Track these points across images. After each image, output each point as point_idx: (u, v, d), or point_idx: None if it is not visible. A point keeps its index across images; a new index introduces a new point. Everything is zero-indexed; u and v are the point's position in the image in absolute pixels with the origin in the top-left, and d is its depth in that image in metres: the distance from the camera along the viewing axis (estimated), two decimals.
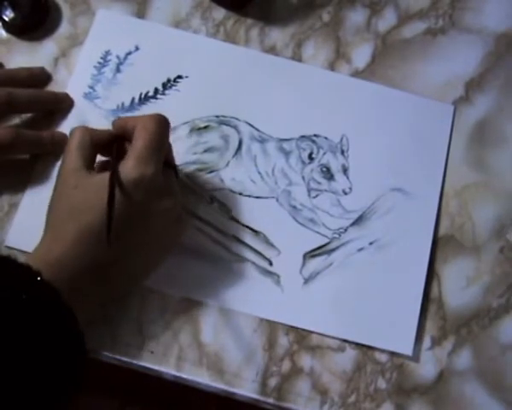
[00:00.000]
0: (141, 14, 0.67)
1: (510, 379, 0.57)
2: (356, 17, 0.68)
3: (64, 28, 0.66)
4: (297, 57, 0.66)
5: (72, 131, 0.55)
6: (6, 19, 0.64)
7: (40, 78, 0.63)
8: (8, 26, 0.65)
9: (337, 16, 0.68)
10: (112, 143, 0.55)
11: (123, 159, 0.52)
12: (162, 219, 0.54)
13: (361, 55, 0.66)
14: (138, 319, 0.57)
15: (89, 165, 0.54)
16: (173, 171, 0.56)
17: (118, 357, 0.56)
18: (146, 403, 0.98)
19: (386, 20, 0.68)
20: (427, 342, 0.58)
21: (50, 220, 0.53)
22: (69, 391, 0.47)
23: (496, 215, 0.62)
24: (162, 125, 0.54)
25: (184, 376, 0.56)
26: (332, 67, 0.66)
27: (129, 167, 0.51)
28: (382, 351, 0.57)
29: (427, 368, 0.57)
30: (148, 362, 0.56)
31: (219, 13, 0.67)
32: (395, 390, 0.56)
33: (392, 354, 0.57)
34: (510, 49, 0.67)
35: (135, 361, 0.56)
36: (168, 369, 0.56)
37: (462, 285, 0.59)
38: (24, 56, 0.64)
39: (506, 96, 0.65)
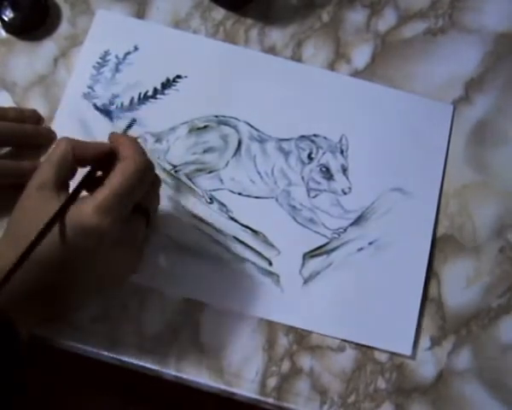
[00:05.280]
0: (140, 14, 0.67)
1: (510, 379, 0.57)
2: (356, 17, 0.68)
3: (64, 28, 0.66)
4: (297, 57, 0.66)
5: (57, 143, 0.52)
6: (6, 19, 0.64)
7: (31, 120, 0.61)
8: (8, 26, 0.65)
9: (337, 16, 0.68)
10: (98, 157, 0.52)
11: (95, 187, 0.50)
12: (111, 266, 0.52)
13: (361, 55, 0.66)
14: (138, 318, 0.57)
15: (62, 183, 0.51)
16: (145, 219, 0.54)
17: (117, 357, 0.56)
18: (147, 403, 0.98)
19: (386, 20, 0.68)
20: (426, 342, 0.58)
21: (6, 233, 0.51)
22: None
23: (496, 215, 0.61)
24: (141, 171, 0.50)
25: (184, 376, 0.56)
26: (332, 67, 0.66)
27: (88, 213, 0.48)
28: (382, 351, 0.57)
29: (426, 368, 0.57)
30: (147, 362, 0.56)
31: (219, 13, 0.67)
32: (395, 390, 0.56)
33: (392, 353, 0.57)
34: (510, 49, 0.67)
35: (135, 361, 0.56)
36: (168, 369, 0.56)
37: (461, 285, 0.59)
38: (23, 57, 0.65)
39: (506, 95, 0.65)
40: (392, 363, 0.57)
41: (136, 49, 0.65)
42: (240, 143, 0.62)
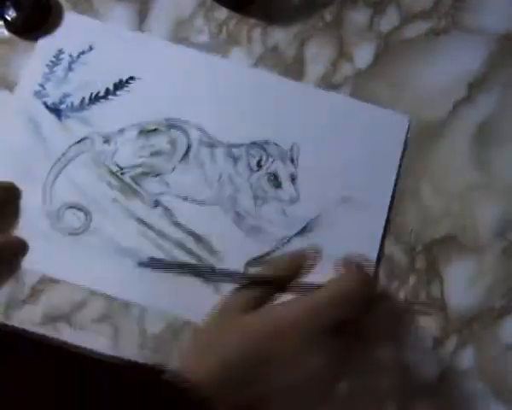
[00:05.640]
0: (143, 13, 0.66)
1: None
2: (358, 17, 0.68)
3: None
4: (299, 57, 0.66)
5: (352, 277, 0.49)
6: (8, 18, 0.64)
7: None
8: (11, 26, 0.65)
9: (339, 16, 0.68)
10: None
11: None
12: (305, 378, 0.46)
13: (363, 54, 0.66)
14: (139, 318, 0.57)
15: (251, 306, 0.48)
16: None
17: (119, 356, 0.56)
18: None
19: (389, 19, 0.68)
20: (429, 342, 0.58)
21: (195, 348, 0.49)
22: None
23: (498, 216, 0.61)
24: (355, 304, 0.47)
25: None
26: (334, 66, 0.66)
27: (296, 313, 0.46)
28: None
29: (429, 368, 0.57)
30: (149, 362, 0.56)
31: (222, 13, 0.67)
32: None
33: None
34: None
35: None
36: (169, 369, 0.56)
37: (464, 286, 0.59)
38: (26, 56, 0.64)
39: (509, 96, 0.65)
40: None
41: (90, 48, 0.65)
42: (189, 148, 0.62)
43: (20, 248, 0.50)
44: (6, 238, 0.50)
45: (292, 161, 0.62)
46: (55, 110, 0.62)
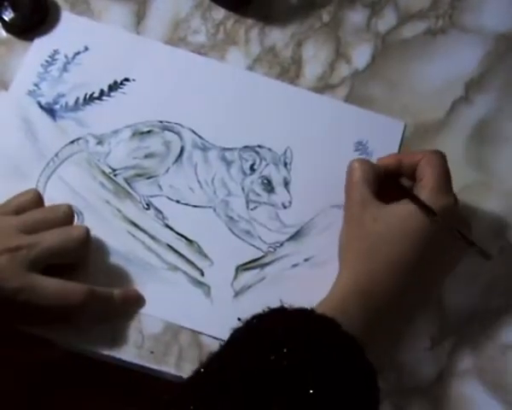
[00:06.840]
0: (141, 13, 0.67)
1: (510, 379, 0.57)
2: (356, 17, 0.68)
3: None
4: (297, 57, 0.66)
5: (352, 165, 0.56)
6: (6, 19, 0.64)
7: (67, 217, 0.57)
8: (8, 27, 0.65)
9: (337, 16, 0.68)
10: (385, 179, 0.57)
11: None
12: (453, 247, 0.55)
13: (361, 55, 0.67)
14: (138, 318, 0.57)
15: (376, 197, 0.55)
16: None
17: (118, 357, 0.56)
18: (147, 403, 0.98)
19: (386, 20, 0.68)
20: (426, 342, 0.58)
21: (348, 259, 0.54)
22: None
23: (496, 215, 0.61)
24: (445, 160, 0.55)
25: (184, 376, 0.56)
26: (332, 66, 0.66)
27: (432, 197, 0.53)
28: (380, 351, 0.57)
29: (426, 368, 0.57)
30: (148, 362, 0.56)
31: (219, 13, 0.67)
32: (394, 390, 0.56)
33: (392, 354, 0.57)
34: (510, 49, 0.67)
35: (135, 361, 0.56)
36: (168, 369, 0.56)
37: (461, 285, 0.59)
38: (23, 56, 0.64)
39: (506, 95, 0.66)
40: (392, 363, 0.57)
41: (86, 49, 0.64)
42: (182, 150, 0.61)
43: (136, 300, 0.57)
44: (125, 292, 0.56)
45: (285, 165, 0.62)
46: (49, 110, 0.62)
